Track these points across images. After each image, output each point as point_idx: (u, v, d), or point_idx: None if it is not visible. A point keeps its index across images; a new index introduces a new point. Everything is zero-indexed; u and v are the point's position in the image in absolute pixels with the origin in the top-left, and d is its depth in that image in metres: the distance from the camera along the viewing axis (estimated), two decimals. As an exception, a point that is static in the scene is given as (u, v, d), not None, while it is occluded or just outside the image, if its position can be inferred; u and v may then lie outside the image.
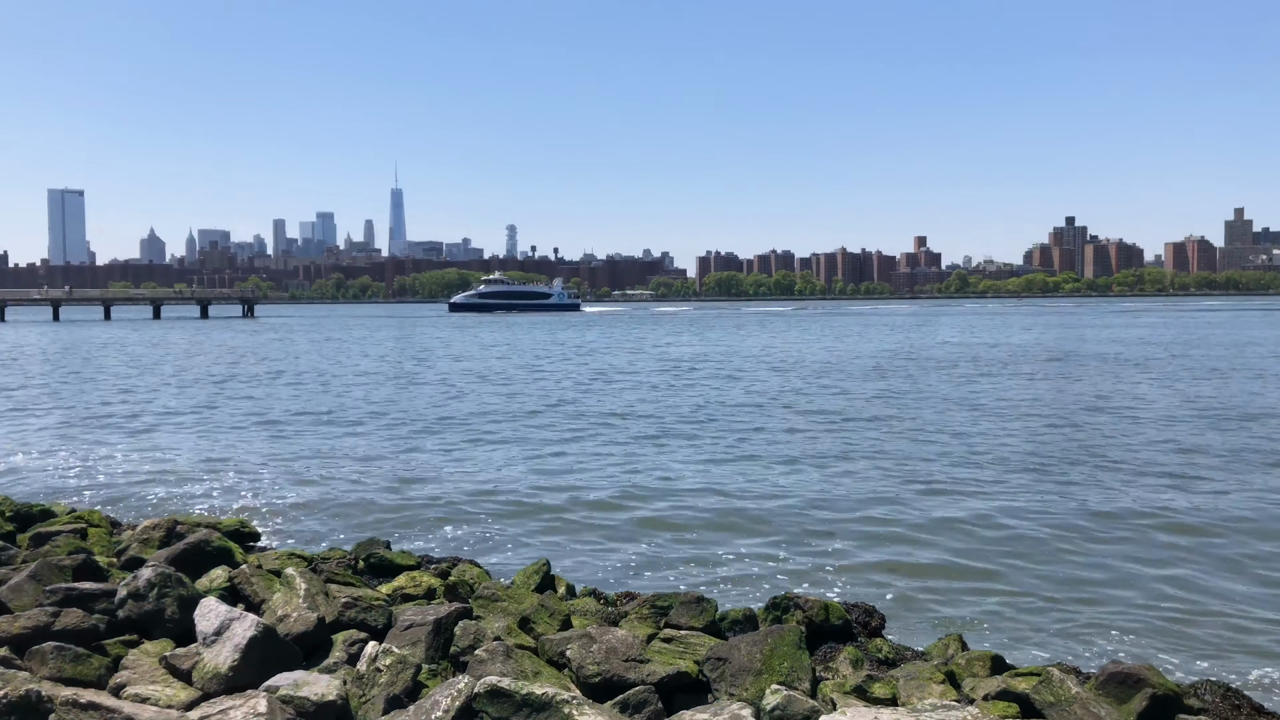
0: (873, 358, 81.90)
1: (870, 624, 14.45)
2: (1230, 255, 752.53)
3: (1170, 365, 69.84)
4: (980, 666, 12.22)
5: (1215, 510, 23.36)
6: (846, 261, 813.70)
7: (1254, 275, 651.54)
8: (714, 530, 22.25)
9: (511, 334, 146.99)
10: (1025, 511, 23.54)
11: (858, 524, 22.55)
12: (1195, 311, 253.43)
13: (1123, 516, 22.90)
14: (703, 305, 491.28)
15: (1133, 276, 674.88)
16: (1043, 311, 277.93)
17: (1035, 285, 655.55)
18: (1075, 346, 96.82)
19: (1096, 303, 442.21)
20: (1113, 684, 11.07)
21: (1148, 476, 27.63)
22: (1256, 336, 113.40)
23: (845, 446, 33.75)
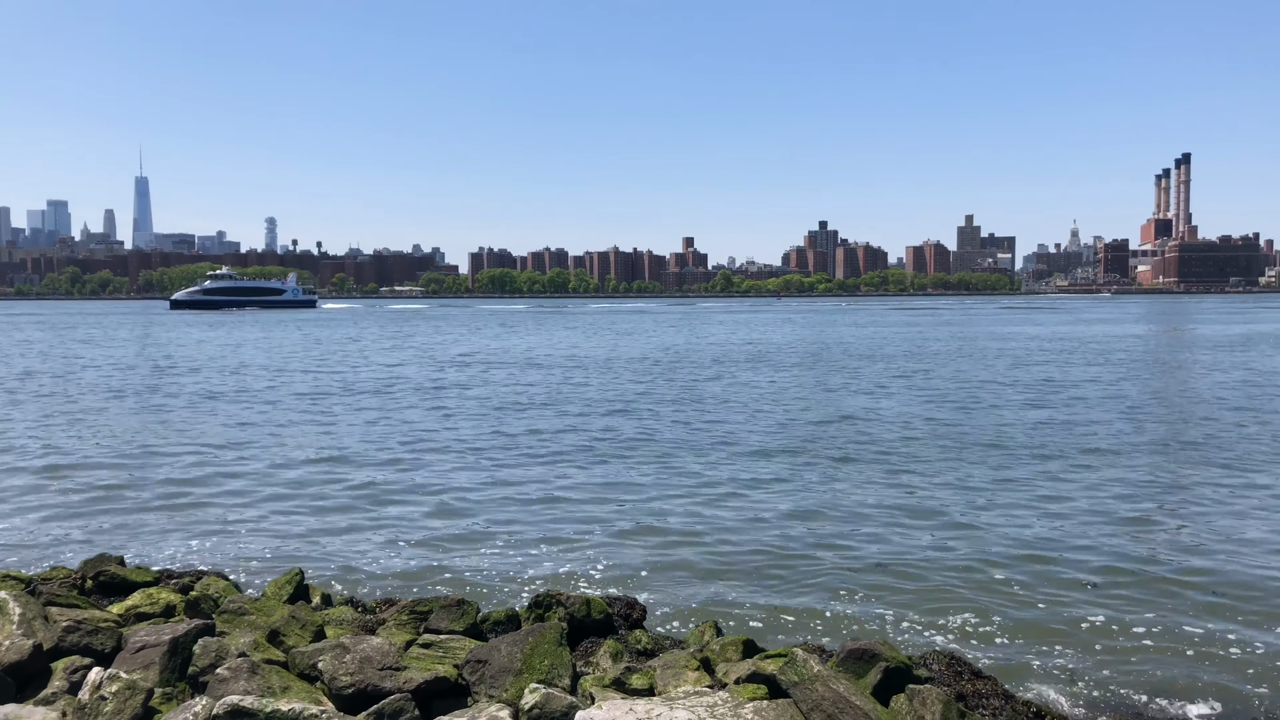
0: (633, 357, 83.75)
1: (632, 616, 14.71)
2: (962, 258, 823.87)
3: (920, 362, 75.70)
4: (733, 651, 12.70)
5: (932, 496, 25.46)
6: (619, 260, 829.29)
7: (982, 276, 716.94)
8: (475, 534, 22.01)
9: (224, 332, 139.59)
10: (777, 502, 24.75)
11: (621, 519, 22.94)
12: (931, 309, 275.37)
13: (856, 504, 24.52)
14: (439, 303, 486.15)
15: (878, 277, 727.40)
16: (802, 310, 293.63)
17: (793, 285, 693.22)
18: (829, 342, 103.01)
19: (865, 302, 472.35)
20: (851, 660, 11.80)
21: (886, 464, 29.73)
22: (961, 333, 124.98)
23: (610, 442, 34.30)
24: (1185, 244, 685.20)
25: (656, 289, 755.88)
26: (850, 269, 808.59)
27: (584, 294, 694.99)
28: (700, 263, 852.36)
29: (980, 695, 12.60)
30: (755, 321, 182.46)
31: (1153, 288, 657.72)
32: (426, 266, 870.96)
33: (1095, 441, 33.59)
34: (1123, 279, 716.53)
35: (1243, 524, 21.97)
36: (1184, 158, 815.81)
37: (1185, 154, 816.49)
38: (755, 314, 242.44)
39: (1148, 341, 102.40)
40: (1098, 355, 79.82)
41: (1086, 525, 22.00)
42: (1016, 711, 12.30)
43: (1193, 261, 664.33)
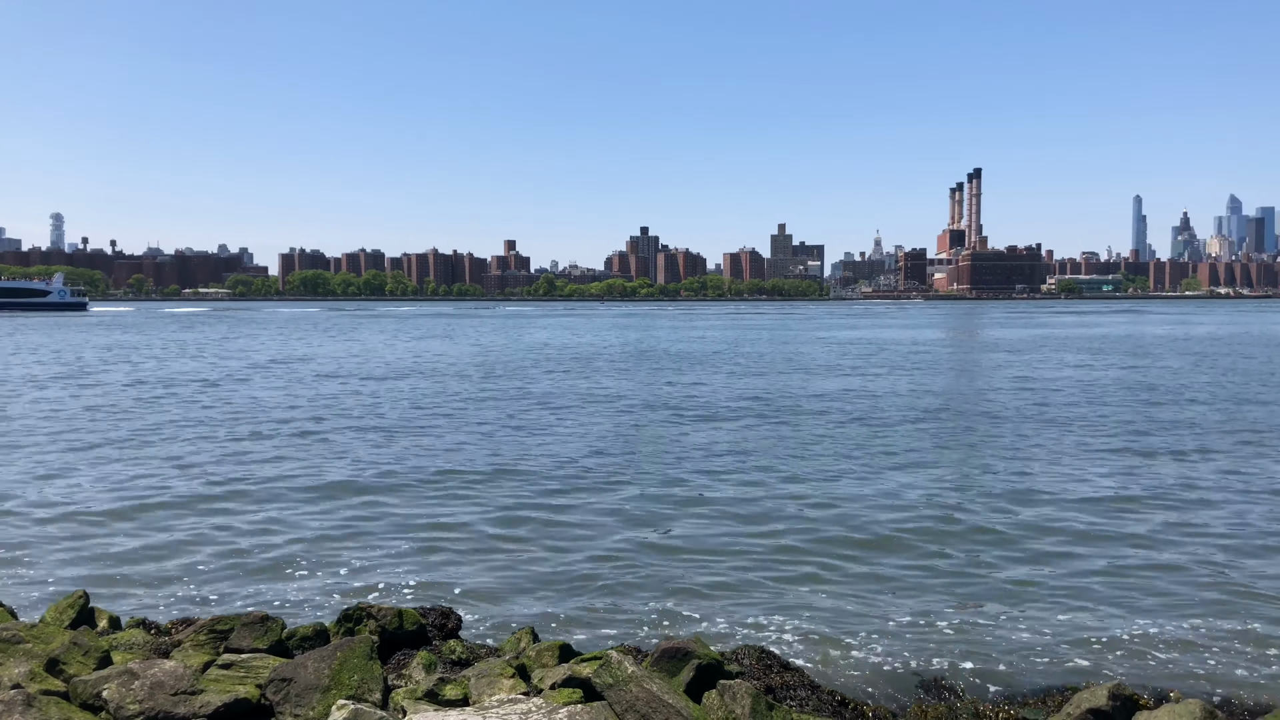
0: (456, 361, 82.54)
1: (447, 626, 14.45)
2: (775, 265, 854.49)
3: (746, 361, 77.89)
4: (549, 657, 12.66)
5: (743, 493, 26.28)
6: (438, 262, 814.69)
7: (794, 283, 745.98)
8: (283, 550, 21.11)
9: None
10: (595, 506, 24.90)
11: (436, 529, 22.53)
12: (751, 314, 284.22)
13: (670, 506, 25.00)
14: (242, 305, 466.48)
15: (698, 282, 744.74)
16: (627, 314, 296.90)
17: (615, 289, 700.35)
18: (656, 345, 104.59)
19: (693, 307, 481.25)
20: (665, 659, 11.99)
21: (712, 464, 30.43)
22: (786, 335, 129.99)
23: (423, 452, 33.65)
24: (977, 253, 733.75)
25: (478, 292, 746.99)
26: (671, 274, 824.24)
27: (401, 297, 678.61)
28: (523, 266, 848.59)
29: (789, 687, 13.06)
30: (580, 326, 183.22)
31: (949, 294, 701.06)
32: (234, 267, 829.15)
33: (895, 436, 35.47)
34: (921, 286, 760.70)
35: (1037, 510, 23.67)
36: (975, 172, 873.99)
37: (977, 169, 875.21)
38: (576, 318, 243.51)
39: (963, 346, 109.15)
40: (901, 359, 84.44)
41: (887, 516, 23.18)
42: (823, 701, 12.81)
43: (983, 270, 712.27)
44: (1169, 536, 21.43)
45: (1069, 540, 21.19)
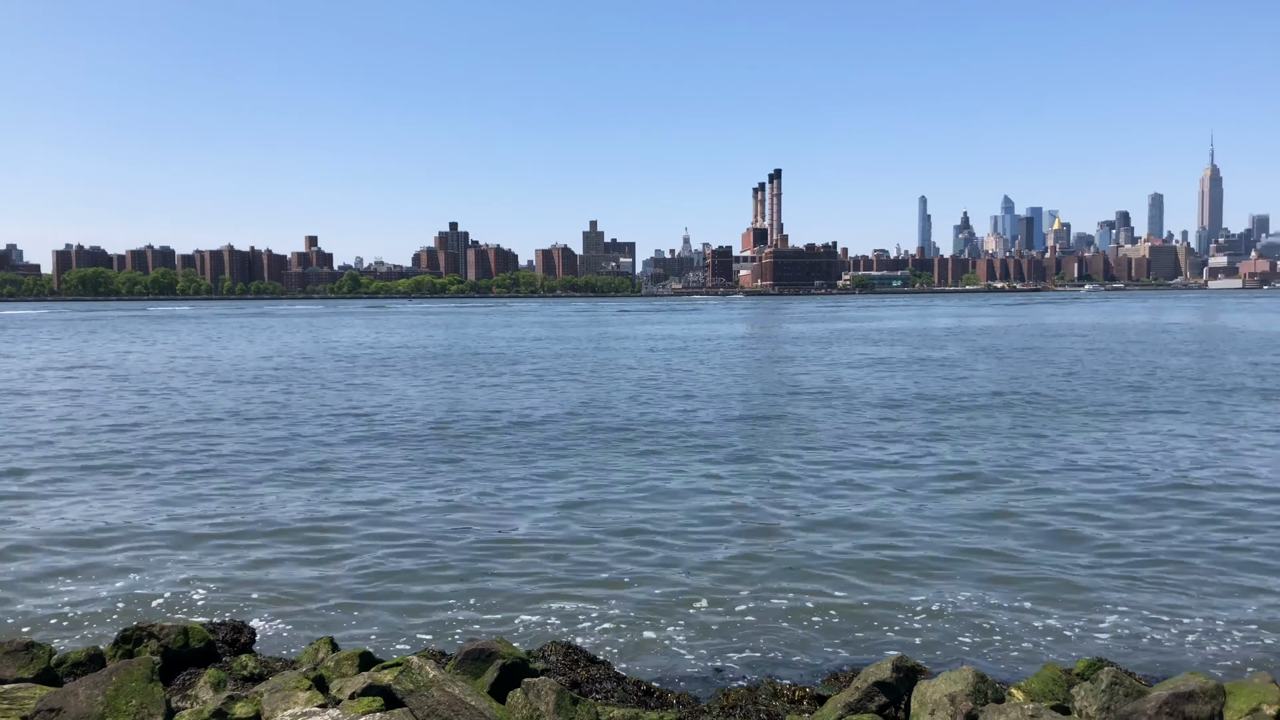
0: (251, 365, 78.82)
1: (239, 641, 13.75)
2: (587, 261, 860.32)
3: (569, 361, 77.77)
4: (349, 666, 12.27)
5: (544, 491, 26.37)
6: (234, 260, 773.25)
7: (606, 279, 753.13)
8: (52, 568, 19.54)
9: None
10: (391, 511, 24.33)
11: (227, 541, 21.43)
12: (567, 312, 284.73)
13: (472, 505, 24.78)
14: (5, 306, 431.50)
15: (510, 279, 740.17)
16: (445, 311, 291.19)
17: (424, 286, 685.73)
18: (466, 346, 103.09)
19: (512, 303, 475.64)
20: (469, 660, 11.84)
21: (513, 466, 30.27)
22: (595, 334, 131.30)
23: (205, 456, 31.96)
24: (779, 251, 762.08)
25: (278, 290, 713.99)
26: (482, 270, 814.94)
27: (194, 296, 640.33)
28: (325, 262, 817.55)
29: (595, 680, 13.17)
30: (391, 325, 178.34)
31: (754, 290, 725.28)
32: (1, 265, 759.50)
33: (706, 429, 36.43)
34: (728, 282, 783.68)
35: (827, 501, 24.80)
36: (776, 173, 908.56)
37: (777, 170, 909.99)
38: (378, 316, 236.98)
39: (769, 340, 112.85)
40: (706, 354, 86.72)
41: (686, 507, 23.76)
42: (628, 691, 12.98)
43: (785, 267, 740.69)
44: (946, 516, 22.95)
45: (855, 527, 22.34)
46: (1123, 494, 24.96)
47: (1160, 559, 19.18)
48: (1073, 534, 21.08)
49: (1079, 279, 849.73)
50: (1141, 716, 10.29)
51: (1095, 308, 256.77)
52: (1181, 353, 78.54)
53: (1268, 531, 21.07)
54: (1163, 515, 22.69)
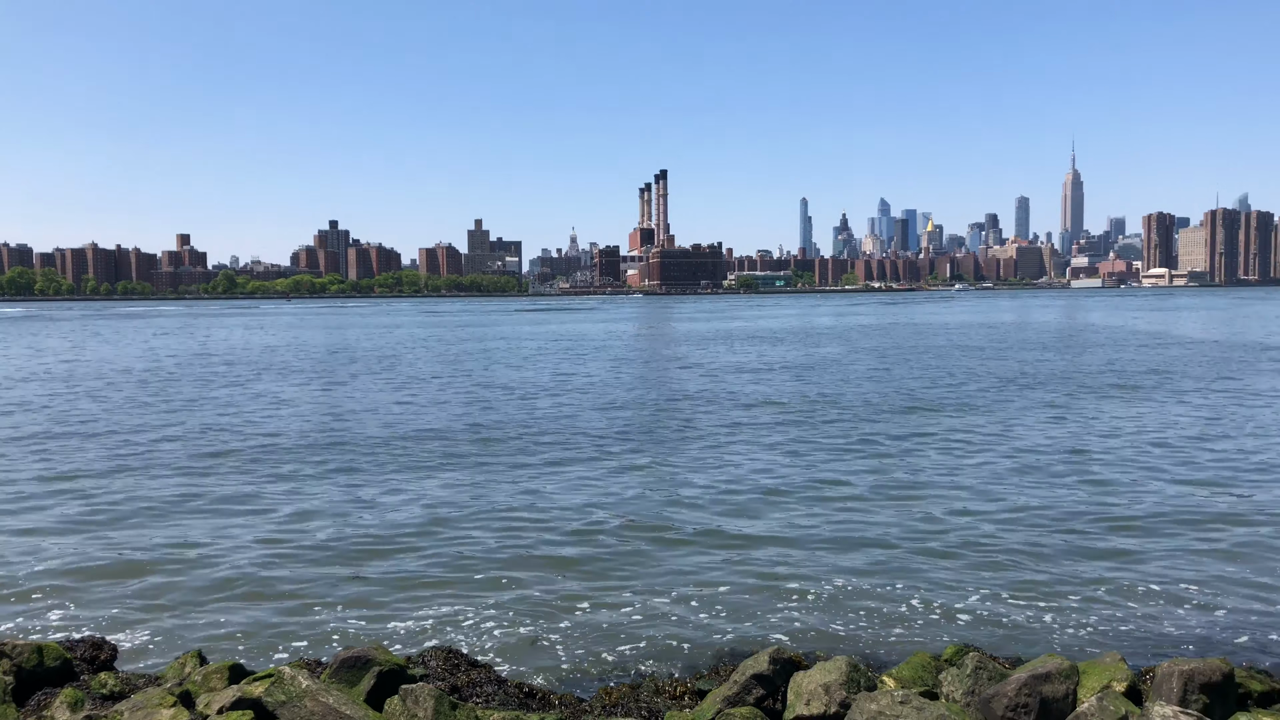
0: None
1: (99, 658, 13.12)
2: (473, 261, 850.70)
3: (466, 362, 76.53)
4: (218, 679, 11.83)
5: (412, 501, 26.03)
6: (99, 258, 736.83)
7: (492, 279, 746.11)
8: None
9: None
10: (254, 519, 23.63)
11: (89, 552, 20.43)
12: (450, 313, 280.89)
13: (345, 511, 24.27)
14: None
15: (393, 278, 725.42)
16: (314, 311, 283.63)
17: (304, 285, 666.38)
18: (345, 347, 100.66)
19: (393, 304, 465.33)
20: (344, 669, 11.57)
21: (397, 474, 29.72)
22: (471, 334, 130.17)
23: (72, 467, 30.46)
24: (666, 251, 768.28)
25: (147, 290, 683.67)
26: (364, 269, 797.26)
27: (55, 296, 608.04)
28: (199, 262, 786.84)
29: (476, 684, 13.03)
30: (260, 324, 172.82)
31: (641, 289, 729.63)
32: None
33: (593, 427, 36.45)
34: (616, 282, 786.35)
35: (707, 499, 25.11)
36: (662, 174, 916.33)
37: (663, 170, 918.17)
38: (254, 315, 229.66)
39: (659, 339, 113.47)
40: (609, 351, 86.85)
41: (569, 509, 23.76)
42: (510, 694, 12.90)
43: (672, 267, 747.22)
44: (821, 509, 23.53)
45: (734, 523, 22.70)
46: (985, 484, 26.00)
47: (1017, 548, 20.05)
48: (940, 523, 21.86)
49: (951, 279, 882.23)
50: (1003, 698, 10.75)
51: (967, 306, 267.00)
52: (1048, 348, 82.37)
53: (1116, 520, 22.25)
54: (1022, 504, 23.73)
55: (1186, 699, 10.74)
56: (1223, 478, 26.63)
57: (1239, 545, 19.88)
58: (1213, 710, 10.81)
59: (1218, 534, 20.82)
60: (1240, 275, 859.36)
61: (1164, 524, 21.72)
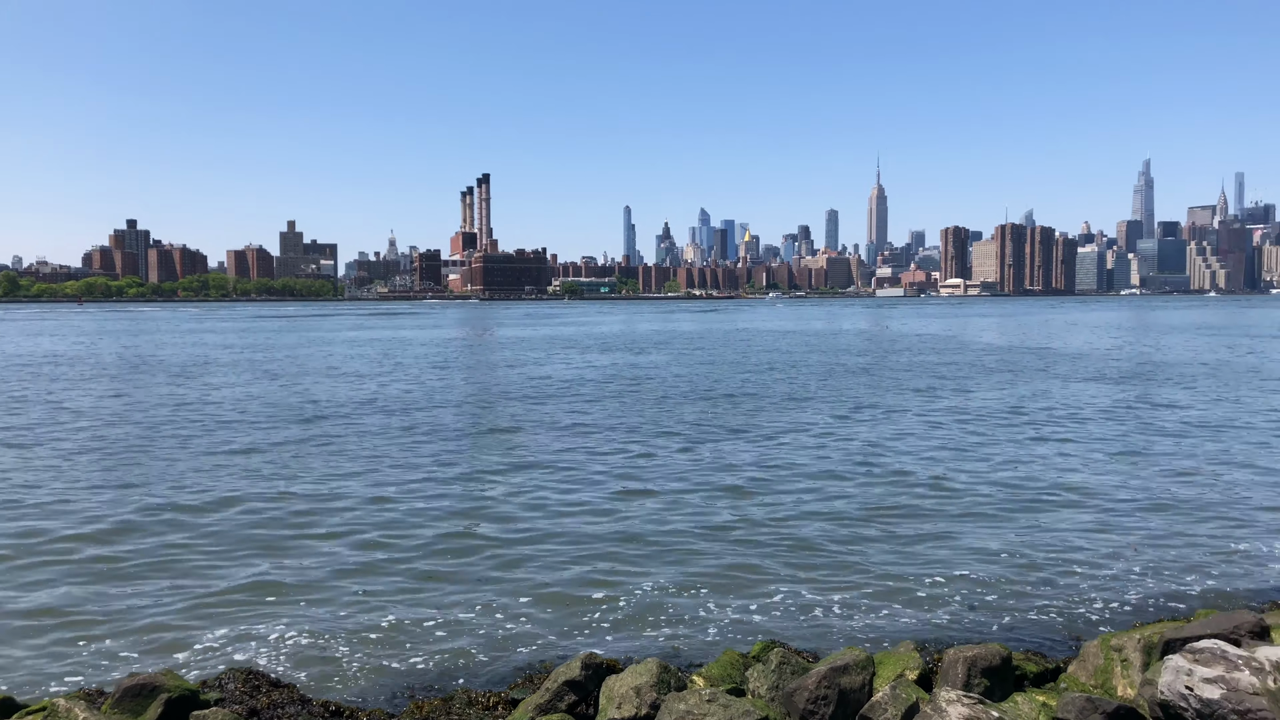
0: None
1: None
2: (285, 263, 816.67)
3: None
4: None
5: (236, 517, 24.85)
6: None
7: (306, 282, 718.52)
8: None
9: None
10: (41, 532, 21.94)
11: None
12: (261, 318, 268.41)
13: (146, 527, 22.88)
14: None
15: (198, 281, 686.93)
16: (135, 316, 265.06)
17: (97, 288, 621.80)
18: (151, 355, 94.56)
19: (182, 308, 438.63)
20: (128, 698, 10.82)
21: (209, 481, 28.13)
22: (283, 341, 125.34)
23: None
24: (488, 255, 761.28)
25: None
26: (166, 272, 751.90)
27: None
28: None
29: (277, 705, 12.47)
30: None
31: (463, 294, 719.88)
32: None
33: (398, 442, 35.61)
34: (437, 287, 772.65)
35: (514, 508, 24.95)
36: (484, 177, 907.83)
37: (485, 174, 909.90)
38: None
39: (483, 345, 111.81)
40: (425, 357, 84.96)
41: (372, 519, 23.13)
42: (313, 713, 12.41)
43: (494, 272, 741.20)
44: (630, 515, 23.83)
45: (540, 529, 22.69)
46: (791, 481, 27.01)
47: (822, 544, 20.90)
48: (748, 522, 22.51)
49: (767, 287, 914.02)
50: (803, 691, 11.15)
51: (780, 313, 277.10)
52: (855, 352, 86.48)
53: (911, 513, 23.55)
54: (826, 501, 24.77)
55: (970, 683, 11.45)
56: (1014, 477, 28.58)
57: (1021, 535, 21.38)
58: (993, 692, 11.58)
59: (1004, 525, 22.32)
60: (1026, 285, 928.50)
61: (954, 517, 23.11)
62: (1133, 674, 12.39)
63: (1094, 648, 13.09)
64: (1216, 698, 9.51)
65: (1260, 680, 9.54)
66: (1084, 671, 12.89)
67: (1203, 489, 26.15)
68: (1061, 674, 13.13)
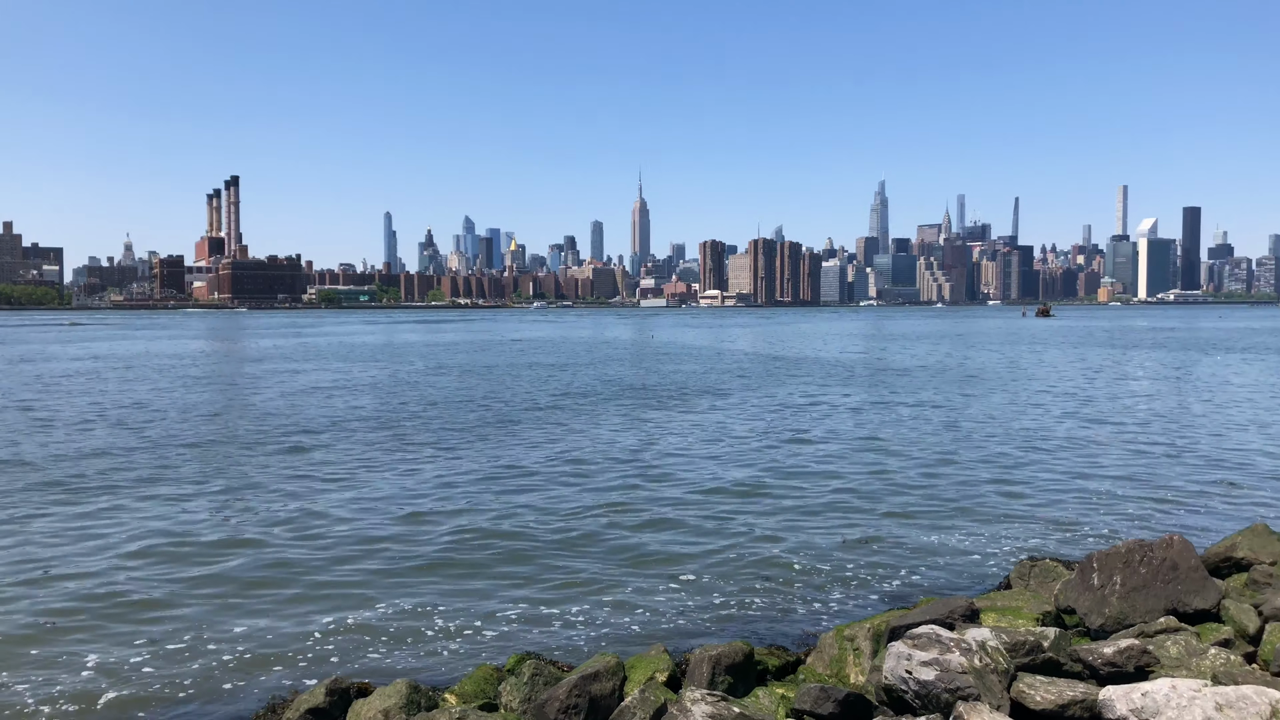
0: None
1: None
2: (2, 269, 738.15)
3: None
4: None
5: None
6: None
7: (26, 289, 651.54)
8: None
9: None
10: None
11: None
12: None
13: None
14: None
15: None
16: None
17: None
18: None
19: None
20: None
21: None
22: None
23: None
24: (238, 262, 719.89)
25: None
26: None
27: None
28: None
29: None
30: None
31: (210, 303, 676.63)
32: None
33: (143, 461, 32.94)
34: (180, 294, 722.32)
35: (246, 528, 23.63)
36: (233, 180, 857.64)
37: (234, 176, 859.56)
38: None
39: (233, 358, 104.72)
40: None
41: (99, 541, 21.31)
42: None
43: (245, 279, 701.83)
44: (366, 533, 23.16)
45: (271, 553, 21.67)
46: (537, 491, 27.15)
47: (570, 551, 21.09)
48: (494, 532, 22.38)
49: (534, 296, 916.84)
50: (554, 701, 11.13)
51: (549, 323, 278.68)
52: (622, 362, 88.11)
53: (653, 517, 24.20)
54: (573, 506, 25.03)
55: (715, 681, 11.84)
56: (755, 477, 29.94)
57: (767, 535, 22.41)
58: (736, 688, 12.02)
59: (746, 525, 23.32)
60: (777, 296, 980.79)
61: (701, 519, 23.93)
62: (864, 661, 13.23)
63: (830, 639, 13.87)
64: (931, 679, 10.28)
65: (968, 660, 10.41)
66: (821, 662, 13.63)
67: (932, 484, 28.41)
68: (801, 666, 13.83)
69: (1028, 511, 24.86)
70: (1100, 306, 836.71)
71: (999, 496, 26.75)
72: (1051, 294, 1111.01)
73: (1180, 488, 27.87)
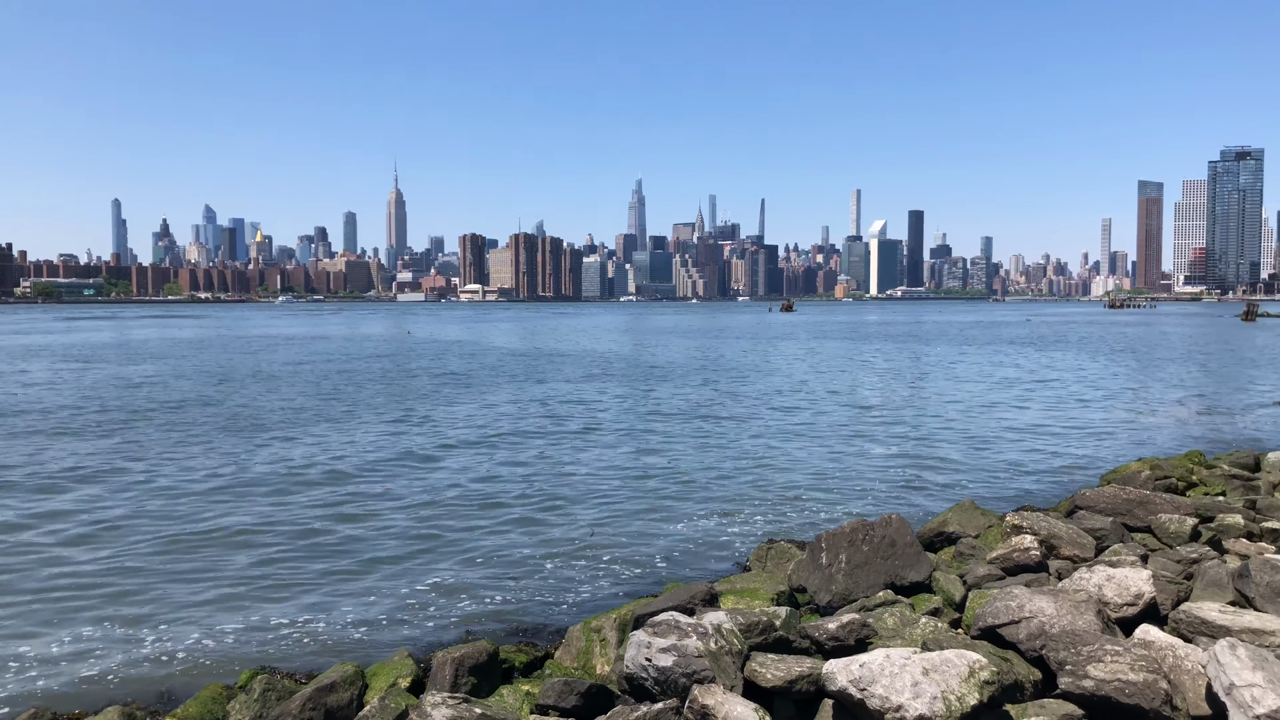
0: None
1: None
2: None
3: None
4: None
5: None
6: None
7: None
8: None
9: None
10: None
11: None
12: None
13: None
14: None
15: None
16: None
17: None
18: None
19: None
20: None
21: None
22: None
23: None
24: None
25: None
26: None
27: None
28: None
29: None
30: None
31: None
32: None
33: None
34: None
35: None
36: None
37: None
38: None
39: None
40: None
41: None
42: None
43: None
44: (99, 546, 21.34)
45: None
46: (266, 497, 25.91)
47: (297, 560, 20.24)
48: (218, 541, 21.16)
49: (282, 290, 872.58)
50: (287, 717, 10.56)
51: (294, 320, 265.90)
52: (380, 356, 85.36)
53: (403, 523, 23.67)
54: (305, 515, 24.06)
55: (458, 683, 11.62)
56: (506, 473, 29.83)
57: (513, 530, 22.35)
58: (480, 688, 11.86)
59: (495, 524, 23.18)
60: (539, 291, 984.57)
61: (445, 519, 23.57)
62: (610, 652, 13.40)
63: (577, 631, 13.97)
64: (669, 665, 10.55)
65: (704, 644, 10.76)
66: (568, 655, 13.70)
67: (681, 474, 29.32)
68: (549, 660, 13.84)
69: (770, 497, 26.16)
70: (837, 302, 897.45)
71: (744, 484, 27.99)
72: (794, 291, 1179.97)
73: (904, 468, 30.26)
